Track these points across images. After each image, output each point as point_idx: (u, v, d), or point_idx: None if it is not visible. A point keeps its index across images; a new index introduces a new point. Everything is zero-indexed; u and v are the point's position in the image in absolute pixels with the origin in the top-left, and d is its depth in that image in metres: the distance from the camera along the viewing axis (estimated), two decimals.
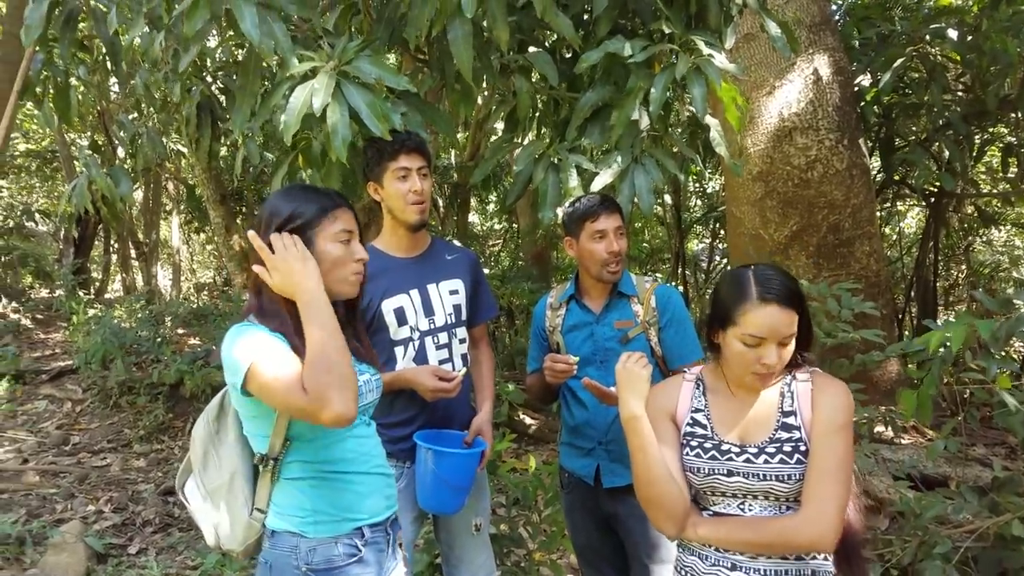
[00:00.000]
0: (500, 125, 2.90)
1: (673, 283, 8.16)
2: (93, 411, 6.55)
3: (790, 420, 1.67)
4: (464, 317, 2.50)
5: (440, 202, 9.51)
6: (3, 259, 11.97)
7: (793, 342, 1.66)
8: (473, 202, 10.60)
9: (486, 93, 3.09)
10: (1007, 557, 2.78)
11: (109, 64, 3.08)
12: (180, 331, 8.89)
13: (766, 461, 1.65)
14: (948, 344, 2.61)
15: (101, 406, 6.57)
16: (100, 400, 6.63)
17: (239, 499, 1.72)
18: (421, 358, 2.40)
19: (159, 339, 7.08)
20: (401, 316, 2.37)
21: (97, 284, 14.47)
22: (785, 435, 1.66)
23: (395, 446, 2.35)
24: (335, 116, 2.00)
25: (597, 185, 2.36)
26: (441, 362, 2.42)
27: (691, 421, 1.78)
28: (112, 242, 15.77)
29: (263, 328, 1.64)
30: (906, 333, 6.74)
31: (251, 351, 1.58)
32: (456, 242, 7.74)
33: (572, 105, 2.52)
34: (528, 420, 6.00)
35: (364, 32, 2.73)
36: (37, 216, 13.79)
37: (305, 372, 1.54)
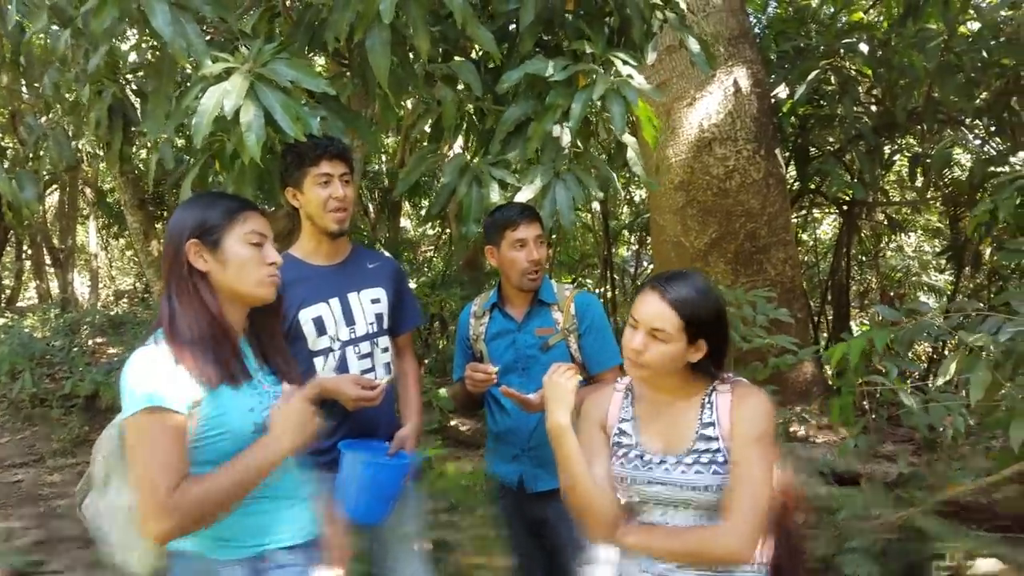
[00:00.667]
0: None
1: (601, 289, 8.28)
2: (3, 425, 6.25)
3: (708, 431, 1.69)
4: (387, 326, 2.47)
5: (371, 208, 9.42)
6: None
7: (669, 347, 1.66)
8: (406, 207, 10.53)
9: (412, 100, 3.08)
10: (916, 548, 2.93)
11: (19, 63, 2.95)
12: (98, 340, 8.55)
13: (683, 472, 1.68)
14: (850, 358, 2.75)
15: (12, 420, 6.27)
16: (11, 413, 6.33)
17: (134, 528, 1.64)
18: (342, 369, 2.36)
19: (74, 349, 6.80)
20: (320, 326, 2.33)
21: (8, 292, 13.78)
22: (703, 446, 1.68)
23: (321, 458, 2.29)
24: (248, 116, 1.97)
25: (519, 200, 2.39)
26: (364, 372, 2.38)
27: (619, 431, 1.80)
28: (25, 247, 15.04)
29: (165, 358, 1.55)
30: (823, 335, 7.00)
31: (150, 395, 1.49)
32: (384, 251, 7.69)
33: (498, 117, 2.54)
34: (460, 426, 5.99)
35: (284, 36, 2.70)
36: None
37: (191, 493, 1.48)
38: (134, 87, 3.44)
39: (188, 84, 2.33)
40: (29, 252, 15.16)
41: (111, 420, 1.71)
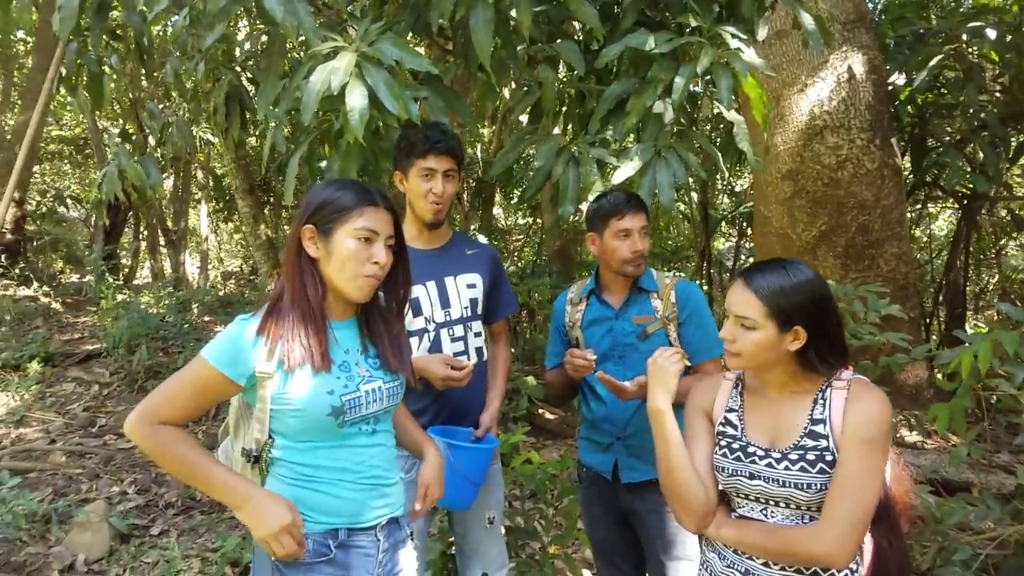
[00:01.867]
0: (525, 118, 2.87)
1: (697, 281, 8.09)
2: (119, 394, 6.63)
3: (818, 428, 1.62)
4: (480, 311, 2.49)
5: (464, 196, 9.52)
6: (35, 244, 12.17)
7: (758, 334, 1.62)
8: (497, 197, 10.59)
9: (513, 85, 3.07)
10: None
11: (140, 53, 3.10)
12: (206, 318, 8.98)
13: (787, 468, 1.62)
14: (977, 361, 2.56)
15: (127, 390, 6.65)
16: (126, 384, 6.71)
17: (245, 476, 1.75)
18: (436, 349, 2.40)
19: (185, 325, 7.16)
20: (417, 307, 2.38)
21: (126, 270, 14.68)
22: (811, 443, 1.61)
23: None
24: (354, 95, 2.00)
25: (618, 179, 2.33)
26: (456, 354, 2.41)
27: (724, 420, 1.76)
28: (141, 229, 15.98)
29: (252, 328, 1.66)
30: (933, 337, 6.62)
31: (212, 349, 1.65)
32: (481, 237, 7.74)
33: (598, 97, 2.49)
34: (547, 415, 5.99)
35: (390, 17, 2.73)
36: (68, 202, 14.00)
37: (165, 440, 1.62)
38: (249, 75, 3.57)
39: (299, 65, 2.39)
40: (145, 234, 16.11)
41: None
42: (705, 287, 7.90)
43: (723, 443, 1.73)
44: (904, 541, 1.71)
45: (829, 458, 1.58)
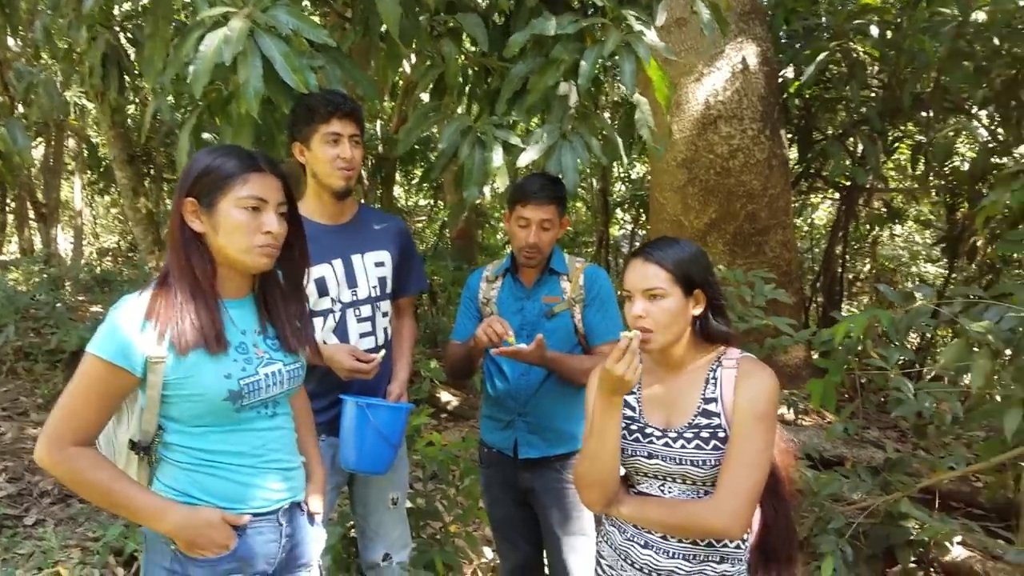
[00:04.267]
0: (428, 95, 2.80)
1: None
2: None
3: (711, 407, 1.68)
4: (389, 290, 2.43)
5: (364, 174, 9.29)
6: None
7: (669, 301, 1.65)
8: (398, 176, 10.40)
9: (413, 58, 2.99)
10: (894, 532, 2.95)
11: (2, 8, 2.83)
12: (81, 298, 8.43)
13: (683, 446, 1.67)
14: (851, 335, 2.71)
15: None
16: None
17: (132, 467, 1.66)
18: (341, 330, 2.32)
19: (58, 304, 6.70)
20: (322, 286, 2.28)
21: None
22: (704, 421, 1.67)
23: (317, 417, 2.29)
24: (247, 67, 1.88)
25: (523, 161, 2.33)
26: (363, 335, 2.35)
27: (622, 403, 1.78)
28: (8, 201, 14.79)
29: (139, 310, 1.54)
30: (811, 322, 6.99)
31: (99, 342, 1.52)
32: None
33: (503, 75, 2.46)
34: (449, 397, 5.97)
35: None
36: None
37: (78, 464, 1.52)
38: (129, 35, 3.33)
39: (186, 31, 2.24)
40: (13, 205, 14.93)
41: None
42: (630, 254, 8.04)
43: (622, 425, 1.75)
44: (789, 510, 1.80)
45: (722, 435, 1.64)
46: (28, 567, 3.37)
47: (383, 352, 2.30)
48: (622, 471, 1.78)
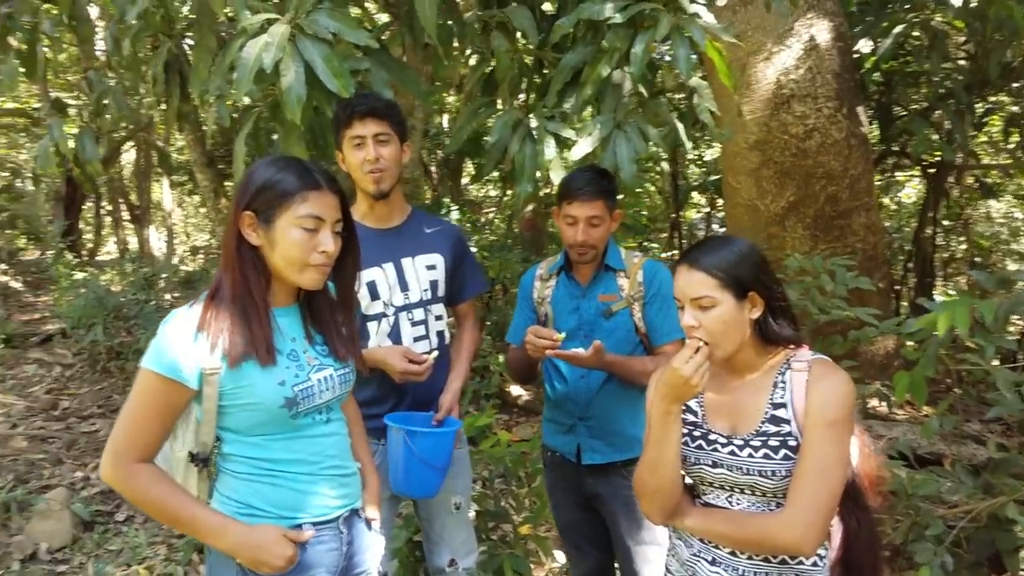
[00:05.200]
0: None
1: (669, 254, 8.03)
2: (82, 376, 6.47)
3: (780, 412, 1.56)
4: (442, 293, 2.39)
5: (432, 168, 9.34)
6: None
7: (721, 310, 1.55)
8: (469, 166, 10.41)
9: (467, 52, 2.93)
10: (1000, 538, 2.72)
11: (71, 19, 2.92)
12: (176, 295, 8.77)
13: (750, 455, 1.56)
14: (937, 330, 2.50)
15: (90, 371, 6.49)
16: (89, 365, 6.54)
17: (192, 479, 1.67)
18: (395, 334, 2.30)
19: (149, 303, 6.96)
20: (373, 290, 2.27)
21: (90, 246, 14.33)
22: (773, 428, 1.56)
23: (369, 423, 2.28)
24: (288, 73, 1.86)
25: (577, 155, 2.24)
26: (416, 339, 2.32)
27: (684, 407, 1.68)
28: (103, 204, 15.57)
29: (191, 323, 1.54)
30: (903, 304, 6.63)
31: (153, 357, 1.52)
32: (453, 210, 7.58)
33: (555, 66, 2.38)
34: (518, 391, 5.92)
35: None
36: (29, 176, 13.56)
37: (140, 481, 1.53)
38: (190, 43, 3.39)
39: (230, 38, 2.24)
40: (108, 208, 15.70)
41: None
42: (677, 258, 7.83)
43: (684, 431, 1.66)
44: (873, 520, 1.67)
45: (793, 443, 1.53)
46: (118, 563, 3.52)
47: (435, 353, 2.26)
48: (687, 480, 1.69)
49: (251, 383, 1.55)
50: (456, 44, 2.61)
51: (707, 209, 9.51)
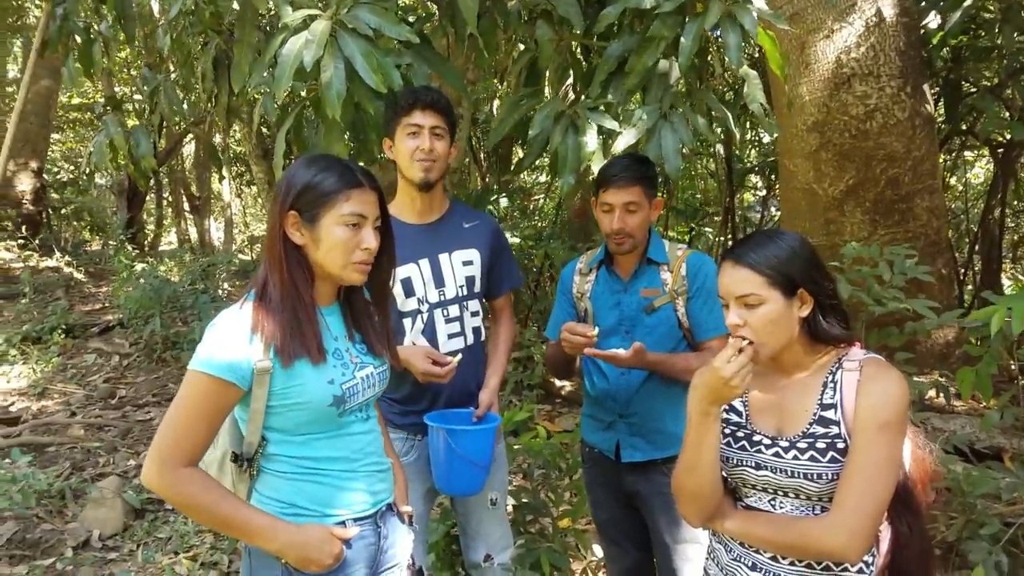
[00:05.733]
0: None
1: (723, 238, 7.85)
2: (139, 365, 6.67)
3: (829, 414, 1.50)
4: (478, 289, 2.37)
5: (481, 156, 9.32)
6: (60, 212, 12.24)
7: (768, 307, 1.49)
8: (518, 151, 10.36)
9: (507, 44, 2.89)
10: None
11: (113, 18, 2.97)
12: (233, 283, 8.97)
13: (796, 457, 1.50)
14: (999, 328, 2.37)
15: (147, 360, 6.68)
16: (145, 355, 6.74)
17: (227, 479, 1.67)
18: (430, 331, 2.29)
19: (204, 294, 7.13)
20: (408, 287, 2.26)
21: (151, 237, 14.77)
22: (821, 430, 1.50)
23: (403, 419, 2.31)
24: (329, 69, 1.85)
25: (620, 146, 2.18)
26: (451, 336, 2.30)
27: (728, 406, 1.64)
28: (166, 196, 16.03)
29: (243, 324, 1.54)
30: (969, 288, 6.37)
31: (206, 358, 1.51)
32: (503, 198, 7.55)
33: (601, 55, 2.32)
34: (561, 382, 5.89)
35: None
36: (90, 170, 14.01)
37: (189, 487, 1.50)
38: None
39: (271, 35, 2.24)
40: (170, 199, 16.15)
41: None
42: (731, 243, 7.65)
43: (727, 431, 1.61)
44: (924, 525, 1.59)
45: (841, 445, 1.47)
46: (166, 551, 3.62)
47: (459, 356, 2.22)
48: (730, 482, 1.64)
49: (303, 382, 1.56)
50: (500, 34, 2.57)
51: (763, 192, 9.27)
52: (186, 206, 15.80)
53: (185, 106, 4.65)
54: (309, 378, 1.56)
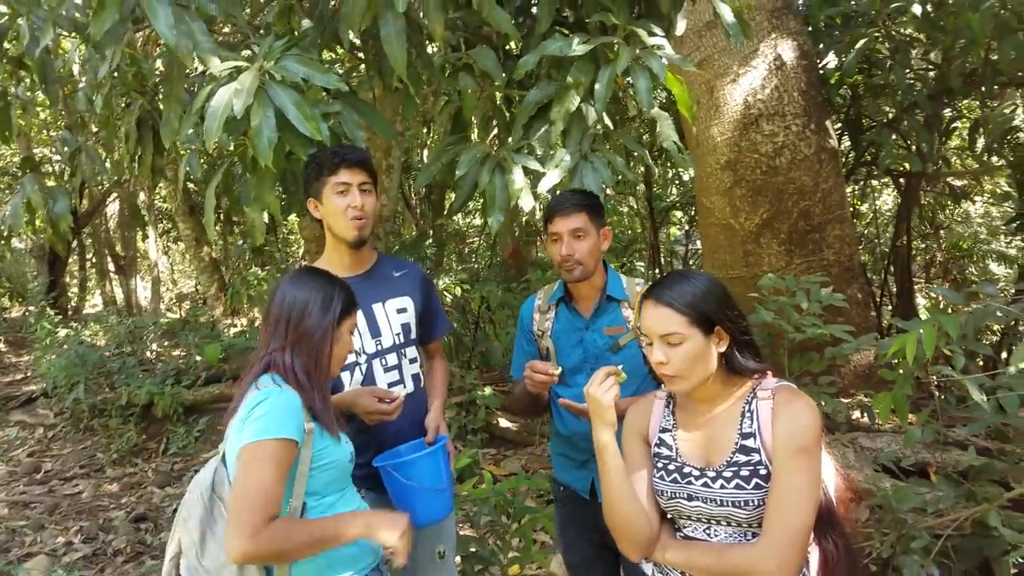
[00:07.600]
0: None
1: (652, 272, 8.07)
2: (65, 436, 6.41)
3: (749, 442, 1.58)
4: (414, 336, 2.38)
5: (414, 201, 9.39)
6: None
7: (689, 345, 1.59)
8: (450, 197, 10.47)
9: (432, 96, 2.98)
10: (987, 545, 2.72)
11: (33, 80, 2.95)
12: (166, 343, 8.73)
13: (723, 486, 1.58)
14: (906, 355, 2.52)
15: (73, 430, 6.43)
16: (72, 424, 6.48)
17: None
18: (369, 382, 2.28)
19: (130, 357, 6.92)
20: None
21: (75, 301, 14.25)
22: (743, 458, 1.58)
23: (358, 472, 2.25)
24: (259, 118, 1.89)
25: (545, 186, 2.27)
26: (391, 384, 2.30)
27: (658, 441, 1.71)
28: (89, 257, 15.53)
29: (294, 400, 1.71)
30: (888, 308, 6.68)
31: (277, 425, 1.64)
32: (434, 243, 7.61)
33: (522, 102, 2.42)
34: (505, 423, 5.90)
35: (299, 31, 2.62)
36: (5, 233, 13.49)
37: (281, 531, 1.59)
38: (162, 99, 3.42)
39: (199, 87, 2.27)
40: (93, 261, 15.65)
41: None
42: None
43: (659, 465, 1.69)
44: (850, 541, 1.67)
45: (763, 472, 1.55)
46: None
47: (405, 390, 2.25)
48: (668, 514, 1.70)
49: (330, 443, 1.76)
50: (425, 85, 2.65)
51: (687, 227, 9.59)
52: (111, 267, 15.36)
53: (108, 165, 4.59)
54: (330, 439, 1.76)
